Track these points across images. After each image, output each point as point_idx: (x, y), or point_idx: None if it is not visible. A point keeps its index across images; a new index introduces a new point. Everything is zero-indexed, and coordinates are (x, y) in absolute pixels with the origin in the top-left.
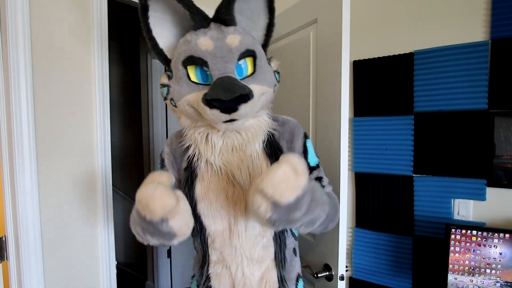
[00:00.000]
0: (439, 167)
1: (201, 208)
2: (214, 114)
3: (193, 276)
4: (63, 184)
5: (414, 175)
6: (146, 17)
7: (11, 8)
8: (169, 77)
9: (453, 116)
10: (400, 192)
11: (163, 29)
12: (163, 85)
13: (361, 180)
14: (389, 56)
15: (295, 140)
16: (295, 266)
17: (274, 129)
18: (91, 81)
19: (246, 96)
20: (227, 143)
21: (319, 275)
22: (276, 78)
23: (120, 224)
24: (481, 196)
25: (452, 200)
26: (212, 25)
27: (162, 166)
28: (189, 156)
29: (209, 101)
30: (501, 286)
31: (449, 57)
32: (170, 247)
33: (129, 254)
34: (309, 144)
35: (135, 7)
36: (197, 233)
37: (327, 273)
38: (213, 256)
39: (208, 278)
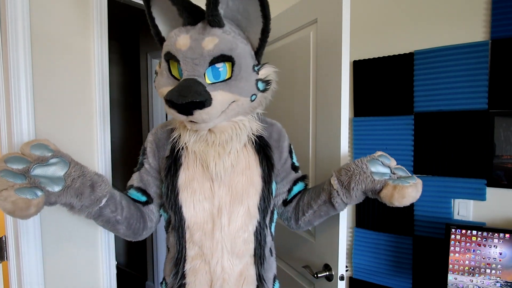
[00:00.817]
0: (439, 167)
1: (183, 197)
2: (172, 113)
3: (161, 283)
4: None
5: (414, 175)
6: (148, 6)
7: (11, 8)
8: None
9: (453, 116)
10: None
11: (163, 19)
12: (156, 72)
13: None
14: (389, 56)
15: (283, 140)
16: (272, 266)
17: (262, 131)
18: (91, 81)
19: (200, 103)
20: (208, 138)
21: (319, 275)
22: (257, 87)
23: None
24: (481, 196)
25: (452, 200)
26: (200, 23)
27: (143, 154)
28: (172, 143)
29: (166, 100)
30: (501, 286)
31: (449, 57)
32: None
33: (129, 254)
34: (292, 146)
35: (135, 7)
36: (175, 226)
37: (327, 273)
38: (191, 251)
39: (183, 275)
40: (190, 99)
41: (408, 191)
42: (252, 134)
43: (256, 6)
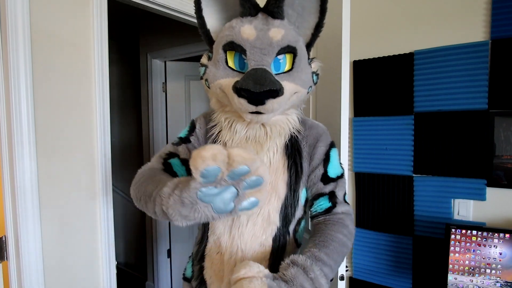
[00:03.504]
0: (439, 167)
1: None
2: (241, 103)
3: (189, 256)
4: (63, 184)
5: (414, 175)
6: None
7: (11, 8)
8: (209, 58)
9: (453, 116)
10: (400, 192)
11: (212, 11)
12: (202, 65)
13: (361, 180)
14: (389, 56)
15: (318, 146)
16: None
17: (298, 131)
18: (91, 81)
19: (275, 91)
20: (249, 134)
21: None
22: (313, 79)
23: (120, 224)
24: (481, 196)
25: (452, 200)
26: (260, 15)
27: (191, 131)
28: (210, 137)
29: (238, 90)
30: (501, 286)
31: (449, 57)
32: (170, 247)
33: (129, 254)
34: (334, 153)
35: (135, 7)
36: None
37: None
38: (211, 238)
39: (203, 257)
40: (268, 87)
41: None
42: (293, 132)
43: (315, 1)
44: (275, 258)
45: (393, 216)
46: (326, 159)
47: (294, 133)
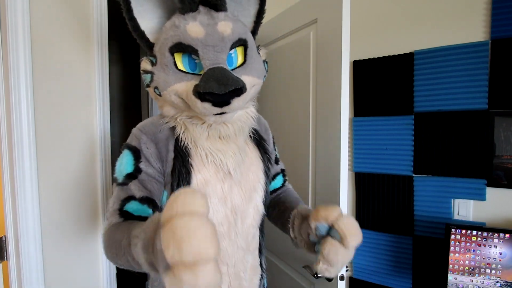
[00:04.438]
0: (439, 167)
1: None
2: (206, 108)
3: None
4: (63, 184)
5: (414, 175)
6: None
7: (11, 8)
8: (152, 63)
9: (453, 116)
10: (400, 192)
11: (145, 10)
12: (145, 72)
13: (361, 180)
14: (389, 56)
15: (268, 133)
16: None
17: (255, 122)
18: (91, 81)
19: (239, 89)
20: (212, 134)
21: (319, 275)
22: (265, 68)
23: None
24: (481, 196)
25: (452, 200)
26: (201, 8)
27: (137, 159)
28: (177, 144)
29: (202, 94)
30: (501, 286)
31: (449, 57)
32: None
33: None
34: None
35: None
36: None
37: None
38: None
39: None
40: (233, 86)
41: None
42: (254, 125)
43: None
44: (263, 243)
45: (393, 216)
46: (274, 143)
47: (255, 125)
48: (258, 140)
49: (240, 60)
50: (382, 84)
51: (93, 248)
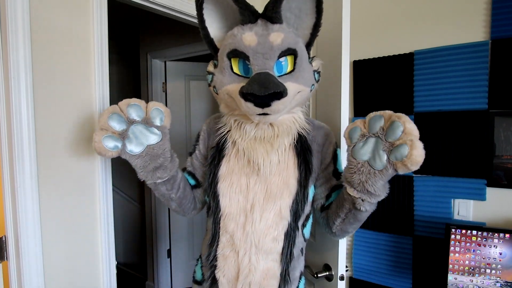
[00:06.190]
0: (439, 167)
1: (222, 187)
2: (248, 107)
3: (197, 259)
4: (63, 184)
5: (414, 175)
6: (200, 9)
7: (11, 8)
8: (215, 66)
9: (453, 116)
10: (400, 192)
11: (214, 21)
12: (208, 73)
13: None
14: (389, 56)
15: (328, 145)
16: (300, 264)
17: (307, 131)
18: (91, 81)
19: (279, 93)
20: (258, 134)
21: (319, 275)
22: (315, 77)
23: (120, 224)
24: (481, 196)
25: (452, 200)
26: (259, 21)
27: (197, 140)
28: (219, 136)
29: (245, 94)
30: (501, 286)
31: (449, 57)
32: (170, 247)
33: (129, 254)
34: (339, 152)
35: (135, 7)
36: (212, 212)
37: (327, 273)
38: (223, 237)
39: (215, 257)
40: (272, 90)
41: (415, 157)
42: (300, 131)
43: (310, 3)
44: (287, 253)
45: (393, 216)
46: (335, 157)
47: (302, 132)
48: (302, 149)
49: (289, 67)
50: (382, 84)
51: (93, 248)
